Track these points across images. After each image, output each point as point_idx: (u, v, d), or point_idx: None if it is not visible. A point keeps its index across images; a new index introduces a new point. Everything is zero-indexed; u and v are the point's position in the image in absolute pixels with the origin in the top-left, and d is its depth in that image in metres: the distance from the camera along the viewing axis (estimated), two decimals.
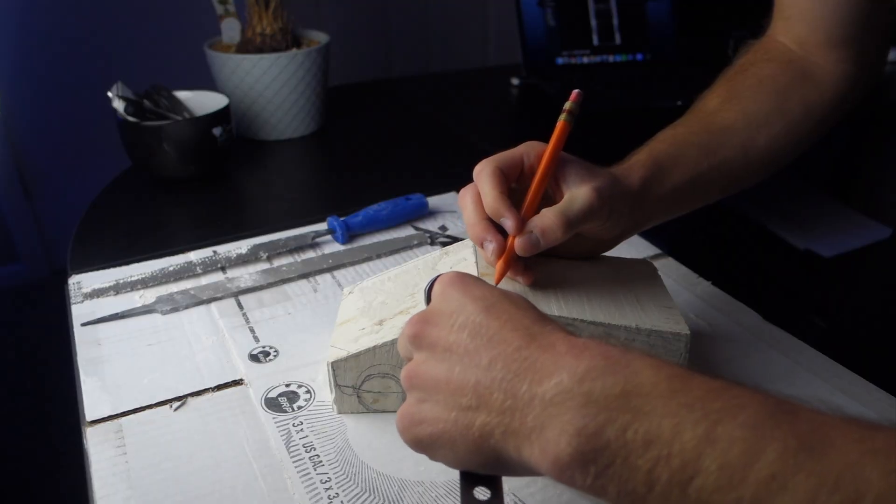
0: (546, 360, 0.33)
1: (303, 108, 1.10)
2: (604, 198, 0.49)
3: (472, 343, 0.35)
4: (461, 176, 0.95)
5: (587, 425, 0.30)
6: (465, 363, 0.35)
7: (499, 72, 1.46)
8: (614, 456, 0.30)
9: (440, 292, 0.39)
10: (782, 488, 0.26)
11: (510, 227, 0.47)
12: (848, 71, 0.60)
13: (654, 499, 0.29)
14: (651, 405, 0.30)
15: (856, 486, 0.25)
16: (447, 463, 0.37)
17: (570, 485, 0.31)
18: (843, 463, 0.26)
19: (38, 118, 1.96)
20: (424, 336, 0.37)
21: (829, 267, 1.35)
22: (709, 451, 0.28)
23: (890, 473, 0.25)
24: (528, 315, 0.36)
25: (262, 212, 0.94)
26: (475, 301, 0.37)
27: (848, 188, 1.68)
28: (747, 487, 0.27)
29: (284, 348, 0.62)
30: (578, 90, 0.50)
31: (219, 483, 0.48)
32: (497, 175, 0.48)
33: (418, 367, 0.37)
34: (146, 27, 1.91)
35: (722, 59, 0.68)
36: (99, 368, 0.59)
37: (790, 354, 0.60)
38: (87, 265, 0.76)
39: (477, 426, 0.34)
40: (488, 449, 0.34)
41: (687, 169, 0.55)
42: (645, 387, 0.30)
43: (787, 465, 0.27)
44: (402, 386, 0.38)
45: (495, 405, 0.33)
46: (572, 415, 0.31)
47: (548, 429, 0.31)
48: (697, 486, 0.28)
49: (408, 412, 0.37)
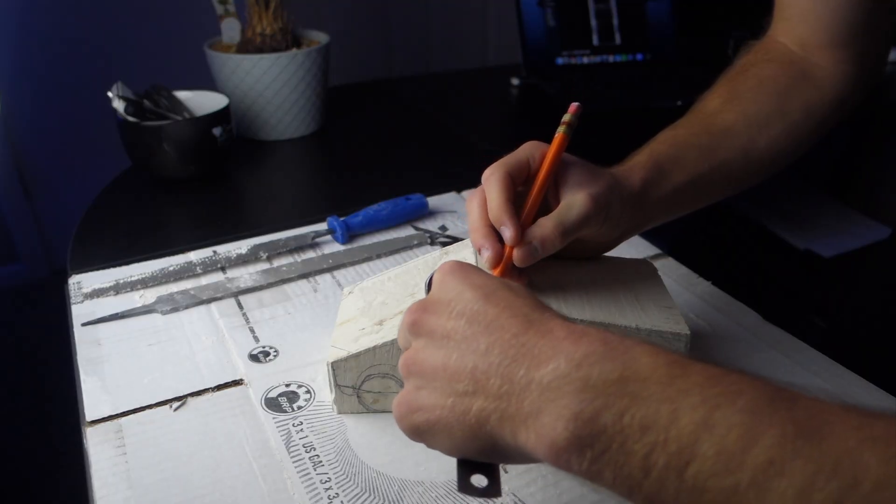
0: (544, 346, 0.33)
1: (303, 108, 1.10)
2: (600, 204, 0.49)
3: (470, 329, 0.35)
4: (461, 176, 0.96)
5: (584, 410, 0.30)
6: (463, 349, 0.35)
7: (499, 72, 1.46)
8: (611, 441, 0.30)
9: (439, 281, 0.39)
10: (779, 474, 0.26)
11: (508, 238, 0.47)
12: (848, 72, 0.60)
13: (650, 484, 0.29)
14: (649, 391, 0.30)
15: (854, 472, 0.25)
16: (444, 450, 0.37)
17: (566, 470, 0.31)
18: (842, 449, 0.26)
19: (38, 118, 1.96)
20: (423, 323, 0.37)
21: (829, 267, 1.35)
22: (706, 436, 0.28)
23: (889, 460, 0.25)
24: (526, 302, 0.36)
25: (262, 212, 0.94)
26: (474, 289, 0.37)
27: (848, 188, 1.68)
28: (744, 472, 0.27)
29: (284, 348, 0.62)
30: (578, 103, 0.50)
31: (219, 483, 0.48)
32: (505, 181, 0.48)
33: (416, 355, 0.37)
34: (146, 27, 1.91)
35: (722, 59, 0.68)
36: (99, 368, 0.59)
37: (790, 354, 0.60)
38: (87, 265, 0.76)
39: (474, 412, 0.34)
40: (485, 435, 0.34)
41: (687, 170, 0.55)
42: (643, 372, 0.30)
43: (785, 451, 0.27)
44: (400, 373, 0.38)
45: (492, 390, 0.33)
46: (569, 399, 0.31)
47: (544, 413, 0.31)
48: (694, 471, 0.28)
49: (405, 399, 0.37)
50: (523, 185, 0.50)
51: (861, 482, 0.25)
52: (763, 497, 0.27)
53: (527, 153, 0.50)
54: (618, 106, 1.27)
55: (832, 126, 0.62)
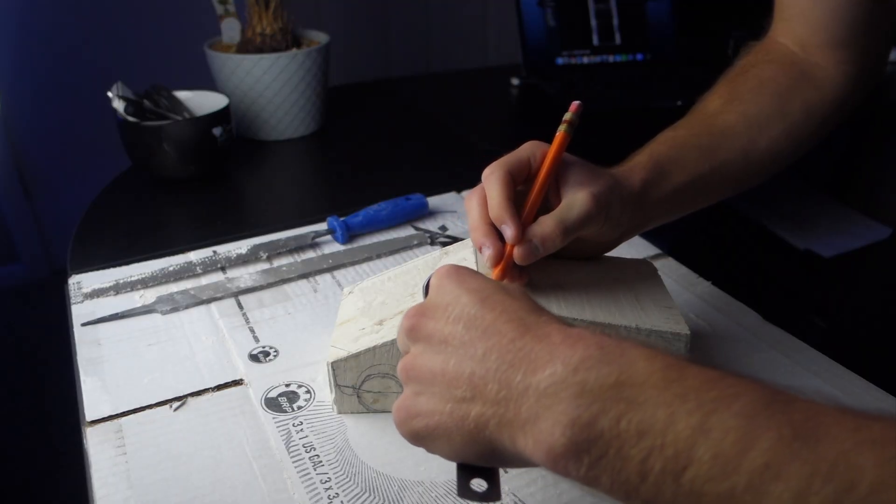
0: (541, 351, 0.33)
1: (303, 108, 1.10)
2: (601, 203, 0.49)
3: (468, 335, 0.35)
4: (461, 176, 0.96)
5: (581, 415, 0.30)
6: (461, 355, 0.35)
7: (499, 72, 1.46)
8: (608, 446, 0.30)
9: (436, 285, 0.39)
10: (776, 477, 0.26)
11: (509, 237, 0.47)
12: (849, 72, 0.60)
13: (647, 489, 0.29)
14: (645, 395, 0.30)
15: (850, 474, 0.25)
16: (444, 455, 0.37)
17: (563, 475, 0.31)
18: (838, 452, 0.26)
19: (38, 118, 1.96)
20: (420, 328, 0.37)
21: (829, 267, 1.35)
22: (702, 440, 0.28)
23: (885, 462, 0.25)
24: (523, 306, 0.36)
25: (262, 212, 0.94)
26: (470, 293, 0.37)
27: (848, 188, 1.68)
28: (741, 476, 0.27)
29: (284, 348, 0.62)
30: (579, 102, 0.50)
31: (219, 483, 0.48)
32: (505, 180, 0.48)
33: (414, 360, 0.37)
34: (146, 27, 1.91)
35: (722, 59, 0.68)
36: (99, 368, 0.59)
37: (790, 354, 0.60)
38: (87, 265, 0.76)
39: (472, 417, 0.34)
40: (483, 440, 0.34)
41: (687, 171, 0.55)
42: (639, 377, 0.30)
43: (782, 454, 0.27)
44: (399, 379, 0.38)
45: (490, 396, 0.33)
46: (566, 405, 0.31)
47: (542, 419, 0.31)
48: (691, 475, 0.28)
49: (404, 405, 0.37)
50: (523, 185, 0.50)
51: (858, 485, 0.25)
52: (760, 500, 0.26)
53: (527, 152, 0.50)
54: (618, 106, 1.27)
55: (833, 127, 0.62)
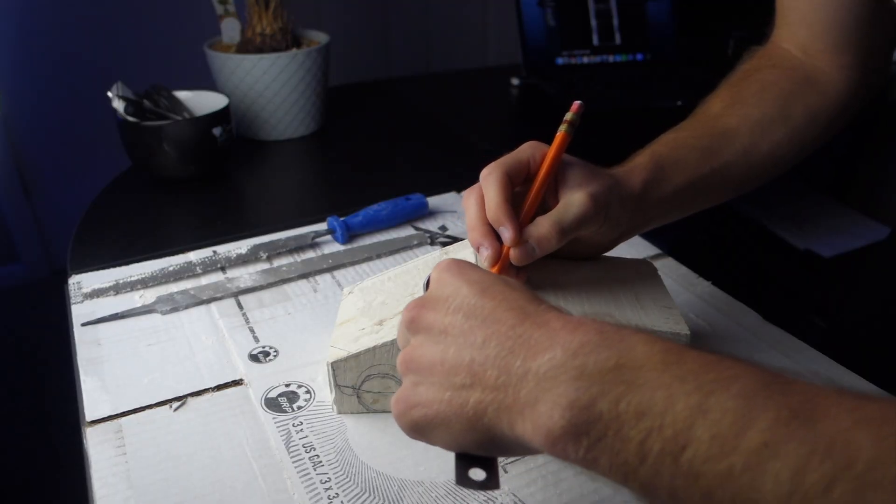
0: (540, 336, 0.33)
1: (303, 108, 1.10)
2: (600, 203, 0.49)
3: (468, 324, 0.35)
4: (461, 176, 0.96)
5: (580, 398, 0.30)
6: (460, 343, 0.35)
7: (499, 72, 1.46)
8: (606, 428, 0.30)
9: (436, 278, 0.39)
10: (773, 456, 0.27)
11: (507, 239, 0.47)
12: (852, 76, 0.60)
13: (645, 470, 0.29)
14: (644, 378, 0.30)
15: (847, 452, 0.26)
16: (443, 445, 0.37)
17: (562, 458, 0.31)
18: (835, 430, 0.26)
19: (38, 118, 1.96)
20: (420, 320, 0.37)
21: (829, 267, 1.35)
22: (701, 421, 0.28)
23: (882, 440, 0.25)
24: (522, 296, 0.36)
25: (262, 212, 0.94)
26: (470, 284, 0.37)
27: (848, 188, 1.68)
28: (738, 456, 0.27)
29: (284, 348, 0.62)
30: (579, 102, 0.50)
31: (219, 483, 0.48)
32: (503, 181, 0.48)
33: (414, 351, 0.37)
34: (146, 27, 1.91)
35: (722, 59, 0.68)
36: (99, 368, 0.59)
37: (790, 354, 0.60)
38: (87, 265, 0.76)
39: (471, 404, 0.34)
40: (483, 427, 0.34)
41: (688, 172, 0.55)
42: (638, 360, 0.31)
43: (779, 434, 0.27)
44: (398, 371, 0.38)
45: (489, 382, 0.34)
46: (565, 388, 0.31)
47: (541, 402, 0.31)
48: (689, 456, 0.28)
49: (403, 396, 0.37)
50: (521, 185, 0.50)
51: (855, 462, 0.25)
52: (757, 479, 0.27)
53: (527, 153, 0.50)
54: (618, 106, 1.27)
55: (836, 132, 0.62)
